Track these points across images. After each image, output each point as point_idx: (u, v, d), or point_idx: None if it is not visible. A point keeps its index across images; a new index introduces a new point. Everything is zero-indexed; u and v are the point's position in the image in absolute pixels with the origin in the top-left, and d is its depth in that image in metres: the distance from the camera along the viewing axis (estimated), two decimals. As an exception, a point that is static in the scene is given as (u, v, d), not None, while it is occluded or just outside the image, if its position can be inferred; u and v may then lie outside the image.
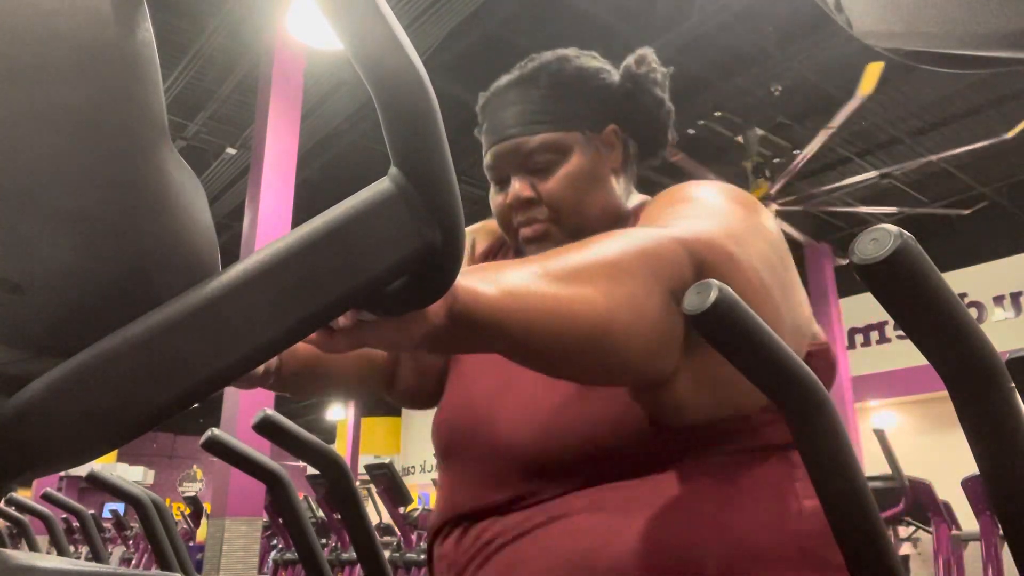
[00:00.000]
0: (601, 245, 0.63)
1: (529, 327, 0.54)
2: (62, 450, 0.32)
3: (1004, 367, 0.39)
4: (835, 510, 0.47)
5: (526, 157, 0.87)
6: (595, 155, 0.89)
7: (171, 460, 19.45)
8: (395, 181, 0.37)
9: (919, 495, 3.93)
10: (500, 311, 0.52)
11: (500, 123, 0.89)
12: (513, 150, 0.87)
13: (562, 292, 0.57)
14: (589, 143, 0.88)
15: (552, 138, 0.87)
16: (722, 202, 0.76)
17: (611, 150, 0.90)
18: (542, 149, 0.86)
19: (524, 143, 0.87)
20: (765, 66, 7.04)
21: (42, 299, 0.32)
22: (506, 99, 0.90)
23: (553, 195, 0.86)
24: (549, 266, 0.59)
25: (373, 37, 0.34)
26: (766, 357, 0.44)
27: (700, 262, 0.65)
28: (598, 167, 0.88)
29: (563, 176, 0.86)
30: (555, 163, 0.87)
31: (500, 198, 0.90)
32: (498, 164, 0.89)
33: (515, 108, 0.88)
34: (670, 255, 0.64)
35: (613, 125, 0.90)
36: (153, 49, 0.34)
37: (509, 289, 0.54)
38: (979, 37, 0.54)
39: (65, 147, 0.31)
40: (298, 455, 0.92)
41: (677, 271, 0.64)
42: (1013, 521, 0.40)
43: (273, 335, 0.34)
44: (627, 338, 0.59)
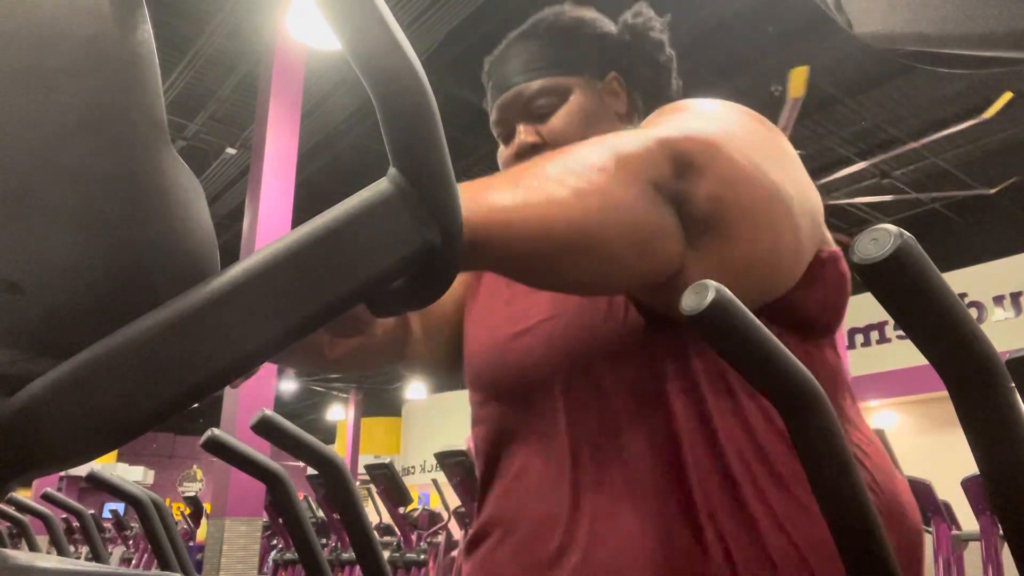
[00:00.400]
0: (575, 151, 0.63)
1: (508, 242, 0.54)
2: (62, 450, 0.32)
3: (1004, 367, 0.39)
4: (833, 511, 0.47)
5: (527, 103, 0.88)
6: (596, 98, 0.89)
7: (171, 460, 19.46)
8: (394, 181, 0.37)
9: (919, 495, 3.93)
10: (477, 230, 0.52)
11: (502, 77, 0.91)
12: (514, 98, 0.89)
13: (532, 198, 0.56)
14: (590, 87, 0.89)
15: (551, 82, 0.88)
16: (720, 110, 0.74)
17: (615, 97, 0.90)
18: (542, 93, 0.87)
19: (525, 89, 0.88)
20: (765, 66, 7.05)
21: (42, 299, 0.32)
22: (506, 56, 0.92)
23: (556, 135, 0.86)
24: (523, 178, 0.58)
25: (372, 37, 0.34)
26: (763, 357, 0.44)
27: (680, 154, 0.63)
28: (600, 110, 0.89)
29: (564, 115, 0.87)
30: (556, 106, 0.88)
31: (507, 151, 0.90)
32: (503, 116, 0.90)
33: (515, 60, 0.90)
34: (644, 151, 0.63)
35: (615, 73, 0.91)
36: (153, 49, 0.34)
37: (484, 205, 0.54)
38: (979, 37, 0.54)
39: (65, 147, 0.31)
40: (297, 456, 0.92)
41: (655, 166, 0.62)
42: (1013, 521, 0.40)
43: (273, 335, 0.34)
44: (606, 233, 0.59)
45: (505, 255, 0.55)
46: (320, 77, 7.20)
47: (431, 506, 6.94)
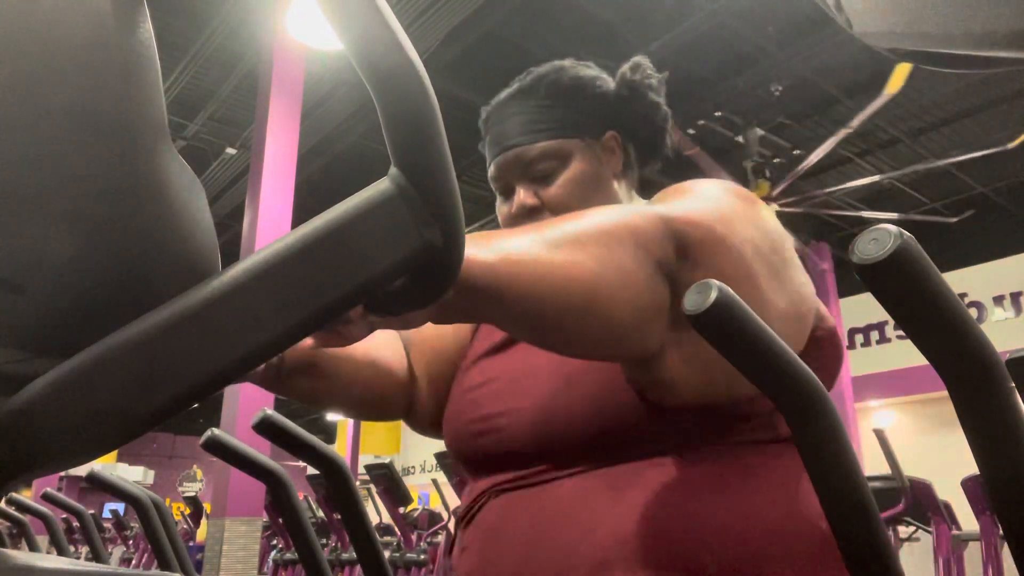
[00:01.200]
0: (592, 215, 0.65)
1: (524, 291, 0.56)
2: (62, 450, 0.32)
3: (1004, 367, 0.39)
4: (835, 510, 0.47)
5: (528, 166, 0.89)
6: (596, 161, 0.90)
7: (171, 460, 19.45)
8: (395, 181, 0.37)
9: (919, 495, 3.93)
10: (497, 277, 0.54)
11: (501, 134, 0.91)
12: (515, 159, 0.90)
13: (555, 257, 0.58)
14: (589, 149, 0.90)
15: (552, 146, 0.89)
16: (717, 192, 0.76)
17: (611, 155, 0.92)
18: (543, 157, 0.89)
19: (525, 152, 0.89)
20: (765, 66, 7.04)
21: (42, 299, 0.32)
22: (506, 111, 0.92)
23: (556, 201, 0.88)
24: (544, 233, 0.60)
25: (373, 37, 0.34)
26: (766, 357, 0.44)
27: (682, 237, 0.66)
28: (599, 172, 0.90)
29: (565, 182, 0.88)
30: (557, 170, 0.89)
31: (505, 208, 0.92)
32: (502, 175, 0.92)
33: (515, 119, 0.91)
34: (654, 229, 0.65)
35: (612, 131, 0.92)
36: (153, 49, 0.34)
37: (508, 255, 0.56)
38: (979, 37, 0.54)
39: (65, 147, 0.31)
40: (298, 455, 0.92)
41: (661, 245, 0.65)
42: (1013, 521, 0.40)
43: (273, 335, 0.34)
44: (614, 303, 0.61)
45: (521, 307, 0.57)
46: (320, 77, 7.20)
47: (431, 506, 6.94)
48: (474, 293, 0.53)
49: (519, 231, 0.61)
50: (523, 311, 0.58)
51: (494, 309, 0.57)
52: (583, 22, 6.46)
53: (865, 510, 0.46)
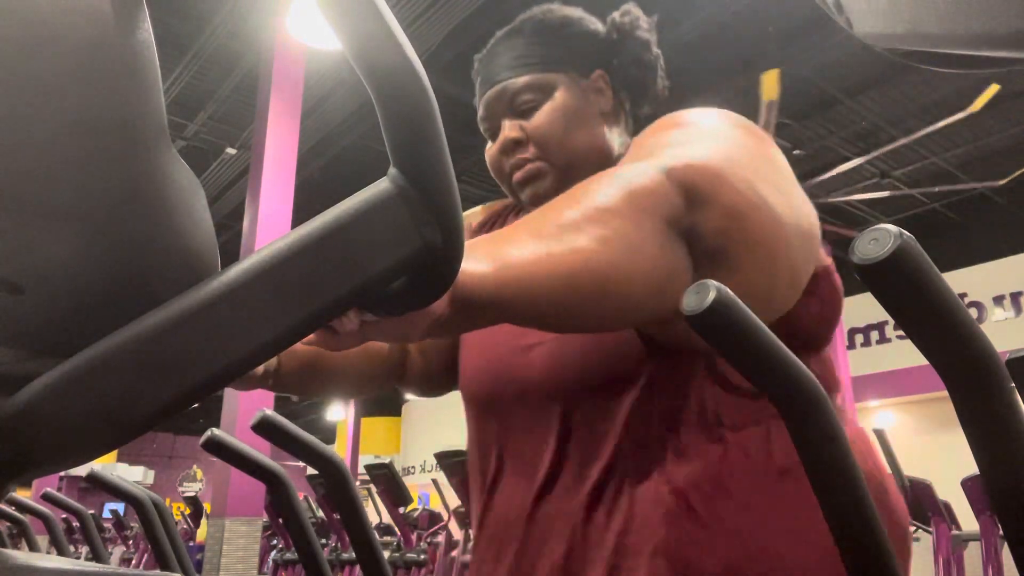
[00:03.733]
0: (585, 192, 0.63)
1: (530, 295, 0.55)
2: (62, 450, 0.32)
3: (1004, 367, 0.39)
4: (833, 510, 0.47)
5: (512, 99, 0.89)
6: (581, 96, 0.89)
7: (171, 460, 19.45)
8: (395, 181, 0.37)
9: (919, 495, 3.93)
10: (499, 287, 0.53)
11: (488, 74, 0.92)
12: (499, 94, 0.89)
13: (555, 249, 0.56)
14: (574, 84, 0.89)
15: (536, 79, 0.88)
16: (716, 124, 0.75)
17: (599, 95, 0.91)
18: (527, 89, 0.88)
19: (510, 85, 0.89)
20: (765, 66, 7.05)
21: (42, 299, 0.32)
22: (494, 53, 0.92)
23: (538, 131, 0.87)
24: (539, 226, 0.59)
25: (372, 37, 0.34)
26: (764, 356, 0.44)
27: (688, 187, 0.65)
28: (585, 108, 0.89)
29: (548, 112, 0.87)
30: (540, 102, 0.88)
31: (493, 147, 0.91)
32: (488, 113, 0.91)
33: (501, 57, 0.91)
34: (656, 187, 0.64)
35: (600, 71, 0.91)
36: (153, 49, 0.34)
37: (504, 261, 0.54)
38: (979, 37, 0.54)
39: (64, 147, 0.31)
40: (297, 455, 0.92)
41: (667, 202, 0.63)
42: (1013, 521, 0.40)
43: (273, 335, 0.34)
44: (628, 280, 0.59)
45: (529, 309, 0.56)
46: (320, 77, 7.19)
47: (431, 506, 6.94)
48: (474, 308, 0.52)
49: (510, 230, 0.59)
50: (532, 313, 0.56)
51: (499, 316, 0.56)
52: (583, 22, 6.45)
53: (863, 510, 0.46)
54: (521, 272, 0.54)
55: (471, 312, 0.52)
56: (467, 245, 0.55)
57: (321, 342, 0.49)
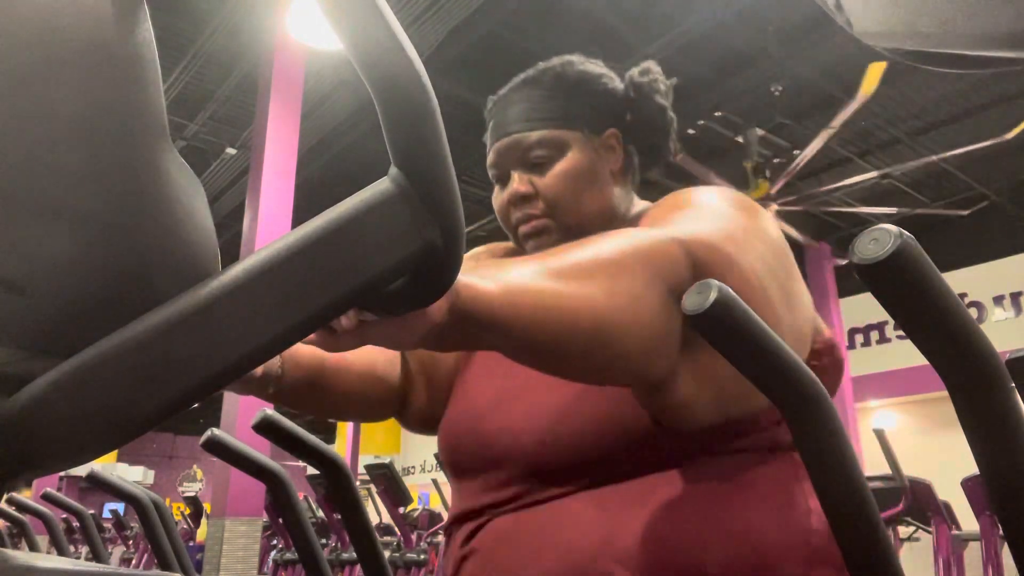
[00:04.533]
0: (601, 243, 0.64)
1: (530, 323, 0.55)
2: (62, 450, 0.32)
3: (1004, 367, 0.39)
4: (835, 510, 0.47)
5: (524, 152, 0.89)
6: (594, 155, 0.90)
7: (171, 460, 19.44)
8: (395, 181, 0.37)
9: (919, 495, 3.93)
10: (501, 308, 0.53)
11: (502, 122, 0.91)
12: (513, 146, 0.89)
13: (563, 289, 0.57)
14: (588, 143, 0.90)
15: (551, 135, 0.88)
16: (723, 206, 0.76)
17: (611, 153, 0.92)
18: (540, 145, 0.88)
19: (523, 139, 0.89)
20: (765, 66, 7.04)
21: (42, 299, 0.32)
22: (510, 100, 0.92)
23: (550, 190, 0.88)
24: (550, 263, 0.59)
25: (373, 37, 0.34)
26: (766, 357, 0.44)
27: (697, 261, 0.66)
28: (596, 166, 0.90)
29: (560, 172, 0.88)
30: (553, 159, 0.88)
31: (501, 196, 0.92)
32: (499, 161, 0.91)
33: (517, 107, 0.90)
34: (668, 254, 0.65)
35: (613, 129, 0.92)
36: (153, 49, 0.34)
37: (510, 286, 0.54)
38: (979, 37, 0.54)
39: (65, 147, 0.31)
40: (298, 455, 0.92)
41: (675, 270, 0.64)
42: (1013, 521, 0.40)
43: (273, 335, 0.34)
44: (626, 334, 0.60)
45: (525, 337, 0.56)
46: (320, 77, 7.19)
47: (431, 506, 6.94)
48: (473, 323, 0.52)
49: (521, 260, 0.59)
50: (527, 343, 0.56)
51: (495, 339, 0.55)
52: (583, 22, 6.46)
53: (865, 510, 0.46)
54: (525, 299, 0.55)
55: (469, 327, 0.52)
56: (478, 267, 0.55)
57: (319, 342, 0.49)
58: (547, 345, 0.57)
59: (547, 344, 0.57)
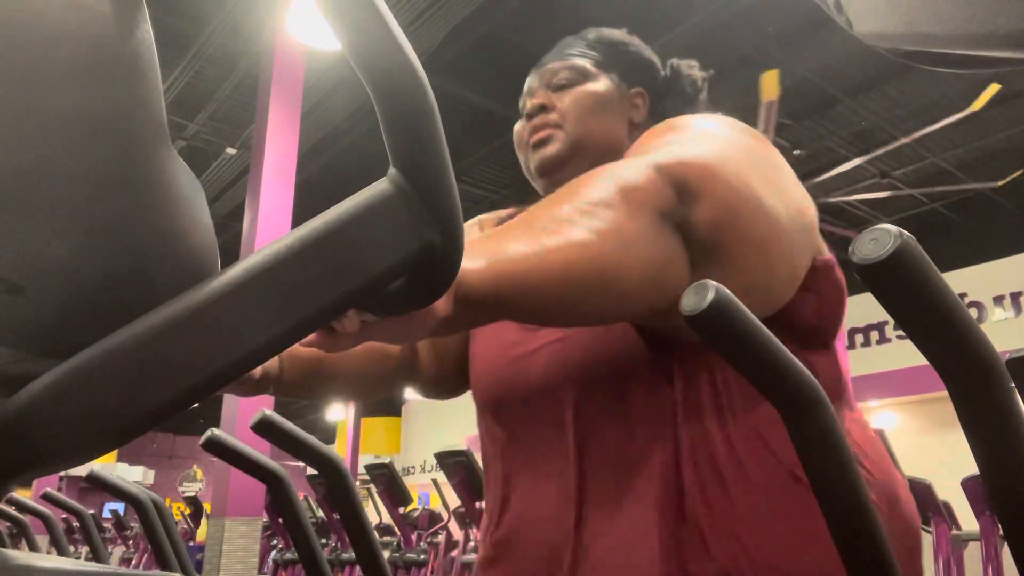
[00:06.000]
0: (578, 187, 0.64)
1: (527, 288, 0.55)
2: (62, 450, 0.32)
3: (1004, 367, 0.39)
4: (833, 511, 0.47)
5: (552, 76, 0.93)
6: (617, 96, 0.93)
7: (171, 460, 19.45)
8: (394, 181, 0.37)
9: (919, 495, 3.93)
10: (496, 281, 0.53)
11: (541, 62, 0.97)
12: (543, 72, 0.94)
13: (549, 242, 0.57)
14: (614, 85, 0.93)
15: (579, 63, 0.93)
16: (712, 126, 0.76)
17: (634, 108, 0.94)
18: (567, 69, 0.93)
19: (553, 66, 0.94)
20: (765, 66, 7.04)
21: (42, 299, 0.32)
22: (554, 49, 0.98)
23: (565, 109, 0.91)
24: (534, 222, 0.59)
25: (372, 37, 0.34)
26: (763, 356, 0.44)
27: (679, 181, 0.65)
28: (615, 104, 0.92)
29: (579, 94, 0.91)
30: (576, 82, 0.92)
31: (521, 121, 0.95)
32: (529, 87, 0.96)
33: (558, 51, 0.96)
34: (647, 182, 0.64)
35: (642, 89, 0.95)
36: (153, 49, 0.34)
37: (503, 258, 0.55)
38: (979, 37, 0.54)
39: (65, 147, 0.31)
40: (297, 456, 0.92)
41: (659, 195, 0.64)
42: (1013, 521, 0.40)
43: (273, 335, 0.34)
44: (623, 269, 0.60)
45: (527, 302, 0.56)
46: (320, 77, 7.19)
47: (431, 506, 6.94)
48: (474, 305, 0.52)
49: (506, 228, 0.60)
50: (530, 306, 0.57)
51: (499, 312, 0.56)
52: (583, 22, 6.43)
53: (862, 509, 0.46)
54: (516, 266, 0.55)
55: (471, 309, 0.52)
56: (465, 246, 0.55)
57: (319, 343, 0.49)
58: (549, 303, 0.57)
59: (549, 302, 0.57)
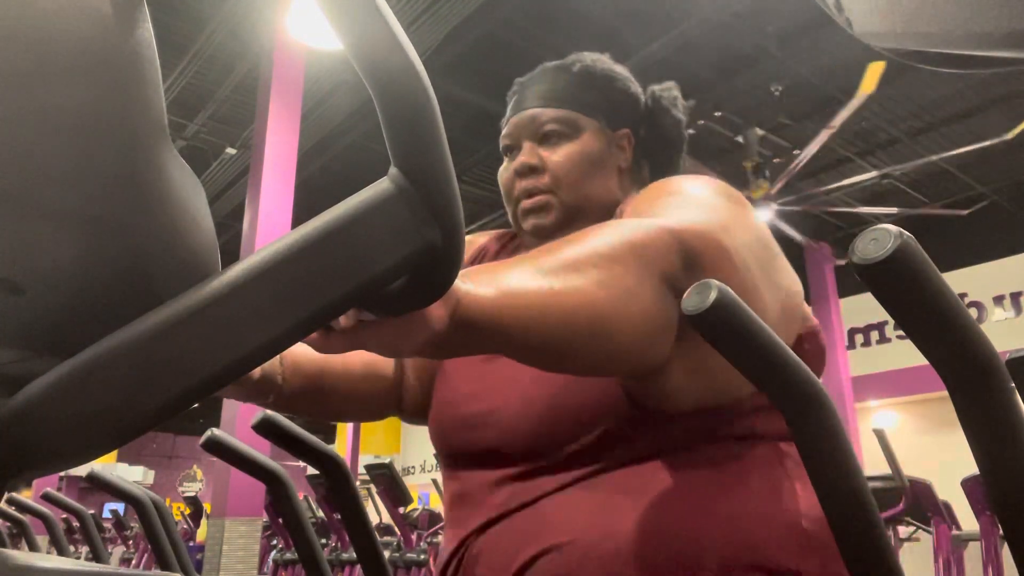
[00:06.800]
0: (593, 237, 0.64)
1: (528, 324, 0.55)
2: (62, 450, 0.32)
3: (1004, 367, 0.39)
4: (834, 510, 0.47)
5: (539, 126, 0.91)
6: (606, 145, 0.92)
7: (171, 460, 19.44)
8: (395, 181, 0.37)
9: (919, 495, 3.93)
10: (500, 312, 0.53)
11: (523, 99, 0.94)
12: (529, 120, 0.92)
13: (557, 287, 0.57)
14: (602, 133, 0.92)
15: (568, 115, 0.90)
16: (709, 195, 0.77)
17: (621, 151, 0.93)
18: (556, 121, 0.90)
19: (540, 114, 0.91)
20: (765, 66, 7.04)
21: (42, 299, 0.32)
22: (534, 80, 0.95)
23: (557, 167, 0.89)
24: (543, 262, 0.59)
25: (373, 37, 0.34)
26: (765, 356, 0.44)
27: (689, 250, 0.66)
28: (606, 158, 0.91)
29: (570, 151, 0.89)
30: (566, 137, 0.90)
31: (508, 168, 0.93)
32: (513, 132, 0.93)
33: (540, 87, 0.93)
34: (660, 244, 0.65)
35: (628, 130, 0.94)
36: (153, 49, 0.34)
37: (506, 289, 0.55)
38: (979, 37, 0.54)
39: (65, 147, 0.31)
40: (298, 455, 0.92)
41: (667, 260, 0.64)
42: (1013, 521, 0.40)
43: (273, 335, 0.34)
44: (621, 327, 0.60)
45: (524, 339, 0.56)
46: (320, 77, 7.19)
47: (431, 506, 6.94)
48: (473, 330, 0.52)
49: (515, 262, 0.59)
50: (525, 344, 0.56)
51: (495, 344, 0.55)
52: (583, 22, 6.46)
53: (865, 510, 0.46)
54: (522, 301, 0.55)
55: (468, 333, 0.52)
56: (471, 271, 0.55)
57: (316, 342, 0.49)
58: (547, 345, 0.57)
59: (547, 344, 0.57)
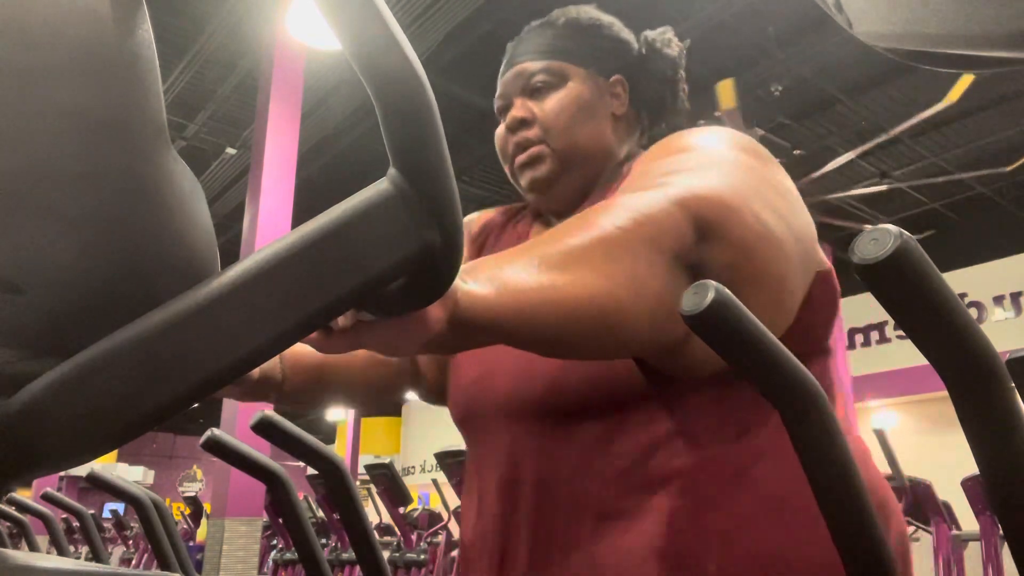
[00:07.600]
0: (595, 222, 0.62)
1: (532, 323, 0.54)
2: (62, 450, 0.32)
3: (1004, 367, 0.39)
4: (833, 511, 0.47)
5: (528, 80, 0.91)
6: (596, 92, 0.91)
7: (171, 460, 19.46)
8: (394, 182, 0.37)
9: (919, 495, 3.93)
10: (498, 311, 0.52)
11: (512, 56, 0.94)
12: (517, 75, 0.92)
13: (560, 280, 0.55)
14: (592, 80, 0.91)
15: (555, 64, 0.90)
16: (722, 149, 0.75)
17: (615, 98, 0.92)
18: (543, 71, 0.90)
19: (528, 67, 0.91)
20: (765, 66, 7.05)
21: (42, 299, 0.32)
22: (522, 39, 0.95)
23: (548, 117, 0.89)
24: (545, 252, 0.57)
25: (372, 37, 0.34)
26: (763, 357, 0.44)
27: (699, 219, 0.64)
28: (596, 103, 0.90)
29: (560, 98, 0.89)
30: (553, 86, 0.90)
31: (501, 127, 0.93)
32: (504, 91, 0.93)
33: (528, 43, 0.93)
34: (668, 221, 0.63)
35: (620, 76, 0.93)
36: (153, 50, 0.34)
37: (507, 286, 0.53)
38: (979, 37, 0.54)
39: (65, 147, 0.31)
40: (297, 456, 0.92)
41: (677, 236, 0.63)
42: (1013, 521, 0.40)
43: (273, 335, 0.34)
44: (632, 315, 0.59)
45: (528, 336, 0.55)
46: (320, 77, 7.19)
47: (431, 506, 6.94)
48: (473, 330, 0.51)
49: (515, 253, 0.58)
50: (528, 339, 0.56)
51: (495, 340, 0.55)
52: (583, 22, 6.45)
53: (862, 510, 0.46)
54: (523, 299, 0.53)
55: (467, 333, 0.51)
56: (470, 265, 0.54)
57: (316, 342, 0.49)
58: (550, 339, 0.56)
59: (551, 339, 0.56)
